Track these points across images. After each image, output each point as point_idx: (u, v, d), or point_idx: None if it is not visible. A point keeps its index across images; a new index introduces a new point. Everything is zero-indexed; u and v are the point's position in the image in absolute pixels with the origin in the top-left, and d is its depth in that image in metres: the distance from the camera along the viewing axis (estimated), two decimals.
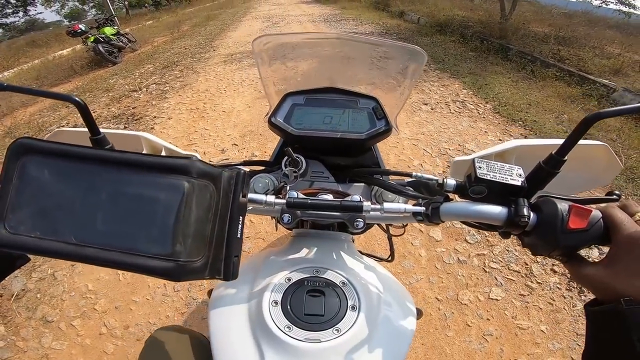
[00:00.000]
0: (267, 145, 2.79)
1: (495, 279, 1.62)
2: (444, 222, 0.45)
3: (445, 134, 2.82)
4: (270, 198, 0.45)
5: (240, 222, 0.35)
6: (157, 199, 0.31)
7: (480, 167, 0.42)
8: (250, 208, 0.48)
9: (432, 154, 2.56)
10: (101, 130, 0.48)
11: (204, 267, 0.32)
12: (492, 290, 1.56)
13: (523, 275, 1.63)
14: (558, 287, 1.57)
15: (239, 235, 0.35)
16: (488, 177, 0.41)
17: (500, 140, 2.72)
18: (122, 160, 0.32)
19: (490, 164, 0.42)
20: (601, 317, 0.32)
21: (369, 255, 0.67)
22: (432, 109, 3.27)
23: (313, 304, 0.46)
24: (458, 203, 0.44)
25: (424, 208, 0.45)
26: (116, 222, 0.31)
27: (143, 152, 0.51)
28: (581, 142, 0.39)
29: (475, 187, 0.42)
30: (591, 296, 0.36)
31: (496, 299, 1.53)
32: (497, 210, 0.40)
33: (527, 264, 1.68)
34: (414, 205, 0.47)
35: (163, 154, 0.64)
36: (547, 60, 4.35)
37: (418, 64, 0.61)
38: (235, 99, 3.77)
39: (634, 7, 5.95)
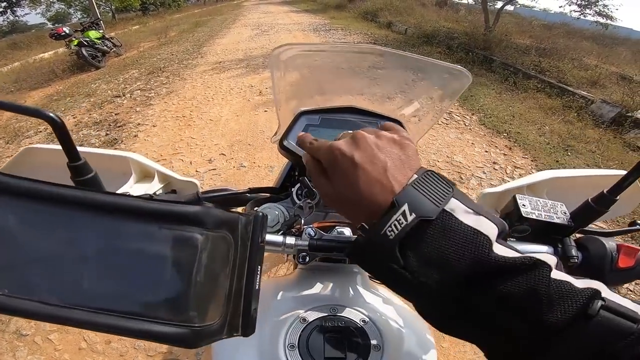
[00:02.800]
0: (255, 155, 2.76)
1: None
2: None
3: (434, 145, 2.85)
4: (290, 240, 0.42)
5: (258, 273, 0.31)
6: (163, 255, 0.26)
7: (524, 205, 0.40)
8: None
9: None
10: (81, 150, 0.40)
11: (222, 328, 0.28)
12: None
13: None
14: None
15: (257, 287, 0.31)
16: (533, 216, 0.39)
17: (486, 152, 2.77)
18: (118, 205, 0.25)
19: (532, 201, 0.41)
20: None
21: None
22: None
23: (333, 346, 0.42)
24: (503, 246, 0.42)
25: None
26: (112, 280, 0.25)
27: (143, 195, 0.44)
28: (606, 172, 0.38)
29: (518, 226, 0.40)
30: None
31: None
32: (543, 250, 0.39)
33: None
34: None
35: (156, 179, 0.59)
36: (528, 72, 4.50)
37: (459, 86, 0.54)
38: (223, 108, 3.72)
39: (612, 18, 6.15)
